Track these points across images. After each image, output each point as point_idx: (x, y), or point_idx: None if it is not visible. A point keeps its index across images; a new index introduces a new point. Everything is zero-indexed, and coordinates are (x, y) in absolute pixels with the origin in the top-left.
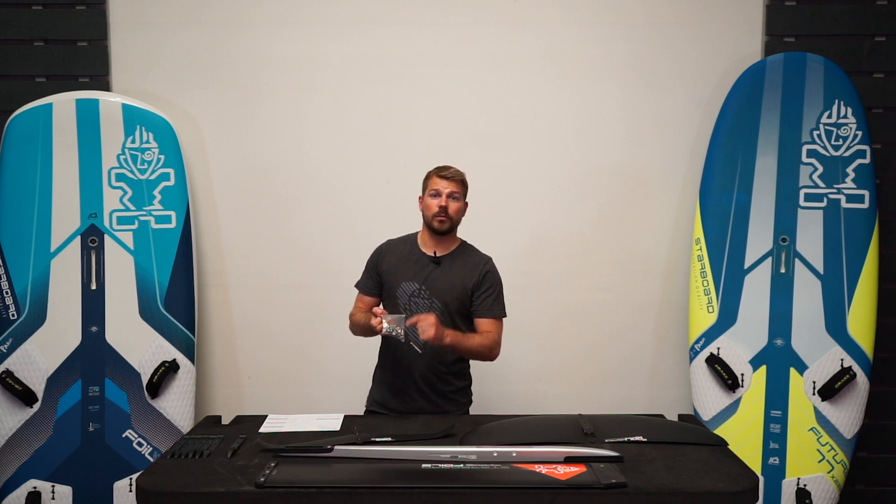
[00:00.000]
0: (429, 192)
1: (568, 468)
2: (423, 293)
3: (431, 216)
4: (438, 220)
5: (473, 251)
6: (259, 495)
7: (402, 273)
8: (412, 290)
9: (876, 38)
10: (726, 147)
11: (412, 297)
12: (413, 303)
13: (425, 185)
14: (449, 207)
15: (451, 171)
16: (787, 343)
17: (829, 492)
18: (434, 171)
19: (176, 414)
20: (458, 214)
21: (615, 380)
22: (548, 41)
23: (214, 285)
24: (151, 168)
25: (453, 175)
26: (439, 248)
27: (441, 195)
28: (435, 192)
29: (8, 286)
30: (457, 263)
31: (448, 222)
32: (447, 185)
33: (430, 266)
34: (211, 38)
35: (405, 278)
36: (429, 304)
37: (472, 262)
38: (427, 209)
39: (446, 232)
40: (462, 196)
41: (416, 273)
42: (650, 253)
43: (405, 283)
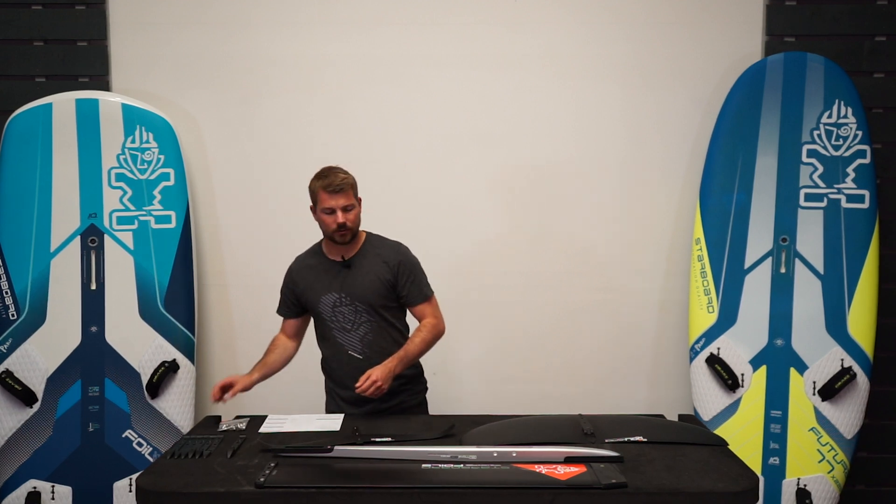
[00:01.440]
0: (321, 208)
1: (568, 468)
2: (345, 300)
3: (331, 233)
4: (340, 235)
5: (381, 243)
6: (259, 495)
7: (318, 286)
8: (332, 300)
9: (876, 38)
10: (726, 147)
11: (335, 307)
12: (338, 313)
13: (313, 197)
14: (347, 221)
15: (338, 183)
16: (787, 343)
17: (829, 492)
18: (319, 184)
19: (176, 414)
20: (356, 222)
21: (615, 380)
22: (548, 41)
23: (214, 285)
24: (151, 168)
25: (341, 186)
26: (346, 251)
27: (336, 212)
28: (328, 209)
29: (8, 286)
30: (368, 261)
31: (349, 234)
32: (339, 200)
33: (343, 271)
34: (211, 38)
35: (322, 291)
36: (353, 309)
37: (381, 255)
38: (325, 226)
39: (350, 241)
40: (355, 201)
41: (331, 282)
42: (650, 253)
43: (324, 297)
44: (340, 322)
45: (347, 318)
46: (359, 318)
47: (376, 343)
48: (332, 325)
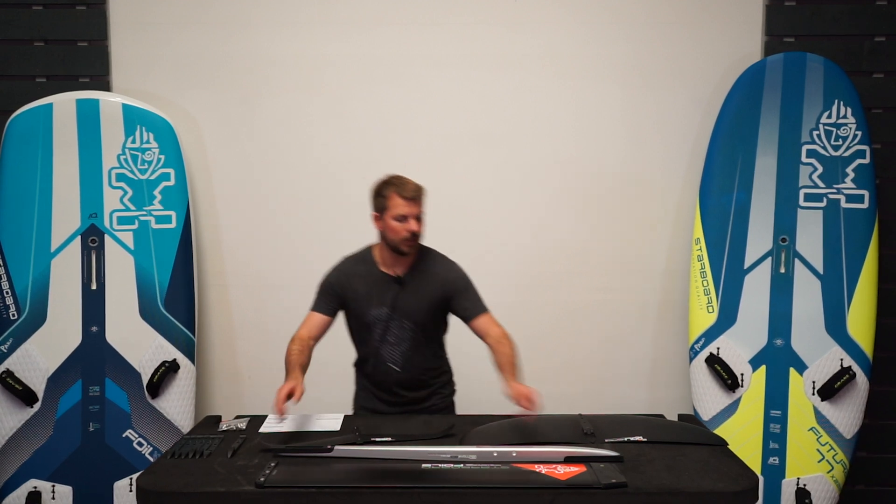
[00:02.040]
0: (392, 214)
1: (568, 468)
2: (394, 317)
3: (400, 240)
4: (408, 245)
5: (434, 260)
6: (259, 495)
7: (369, 299)
8: (383, 315)
9: (876, 38)
10: (726, 147)
11: (382, 321)
12: (385, 328)
13: (382, 203)
14: (419, 231)
15: (412, 189)
16: (786, 343)
17: (828, 492)
18: (392, 188)
19: (176, 414)
20: (422, 233)
21: (615, 380)
22: (548, 41)
23: (214, 285)
24: (151, 168)
25: (416, 195)
26: (400, 267)
27: (408, 219)
28: (401, 216)
29: (8, 286)
30: (421, 280)
31: (416, 245)
32: (413, 207)
33: (395, 287)
34: (211, 38)
35: (374, 304)
36: (400, 325)
37: (434, 275)
38: (393, 233)
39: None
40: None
41: (383, 297)
42: (650, 253)
43: (374, 310)
44: (385, 336)
45: (393, 333)
46: (404, 335)
47: (415, 358)
48: (376, 337)
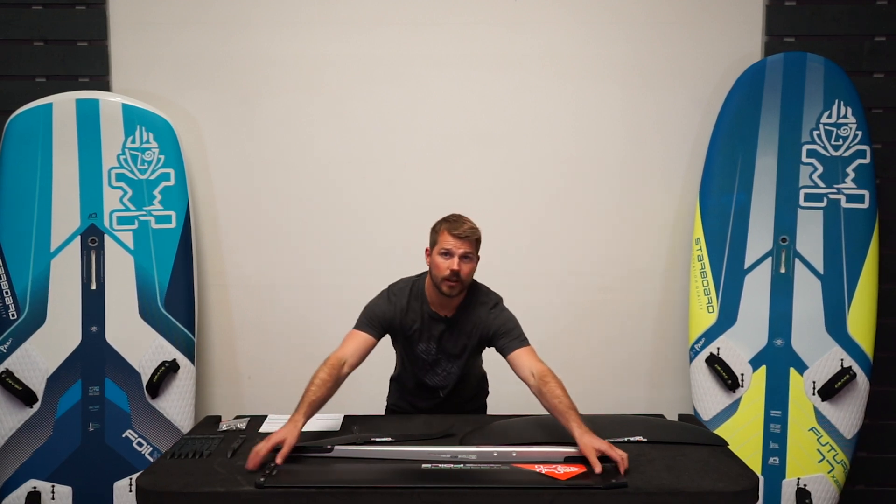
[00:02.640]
0: (439, 249)
1: (568, 468)
2: (440, 354)
3: (440, 279)
4: (448, 285)
5: (480, 299)
6: (259, 495)
7: (418, 335)
8: (428, 350)
9: (876, 38)
10: (726, 147)
11: (428, 356)
12: (430, 361)
13: (434, 238)
14: (461, 271)
15: (465, 229)
16: (787, 343)
17: (829, 492)
18: (445, 225)
19: (176, 414)
20: (469, 276)
21: (615, 380)
22: (548, 41)
23: (214, 285)
24: (151, 168)
25: (468, 234)
26: (448, 307)
27: (453, 256)
28: (446, 252)
29: (8, 286)
30: (466, 320)
31: (458, 286)
32: (460, 246)
33: (441, 326)
34: (211, 38)
35: (421, 340)
36: (445, 360)
37: (479, 318)
38: (436, 269)
39: (456, 296)
40: (475, 254)
41: (430, 334)
42: (650, 253)
43: (422, 344)
44: (429, 367)
45: (438, 367)
46: (448, 368)
47: (456, 386)
48: (419, 366)
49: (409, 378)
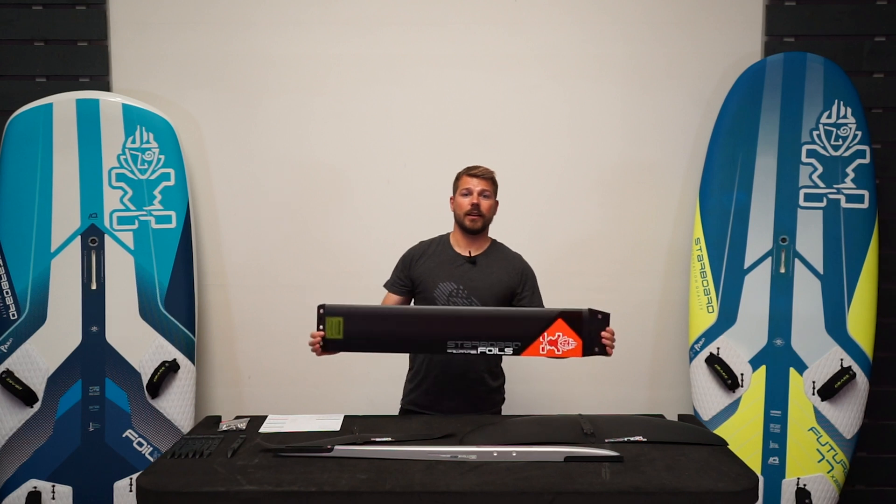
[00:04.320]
0: (460, 191)
1: (567, 341)
2: (462, 293)
3: (463, 214)
4: (470, 219)
5: (505, 250)
6: (259, 495)
7: (438, 274)
8: (450, 290)
9: (876, 38)
10: (726, 147)
11: (450, 296)
12: (451, 302)
13: (456, 185)
14: (481, 205)
15: (481, 170)
16: (786, 343)
17: (828, 492)
18: (464, 170)
19: (176, 414)
20: (489, 212)
21: (615, 380)
22: (547, 41)
23: (214, 285)
24: (151, 168)
25: (483, 173)
26: (473, 248)
27: (472, 193)
28: (466, 190)
29: (8, 286)
30: (493, 262)
31: (480, 220)
32: (478, 184)
33: (466, 265)
34: (211, 39)
35: (441, 279)
36: (467, 303)
37: (508, 261)
38: (459, 208)
39: (479, 230)
40: (493, 194)
41: (452, 273)
42: (650, 253)
43: (442, 284)
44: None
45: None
46: None
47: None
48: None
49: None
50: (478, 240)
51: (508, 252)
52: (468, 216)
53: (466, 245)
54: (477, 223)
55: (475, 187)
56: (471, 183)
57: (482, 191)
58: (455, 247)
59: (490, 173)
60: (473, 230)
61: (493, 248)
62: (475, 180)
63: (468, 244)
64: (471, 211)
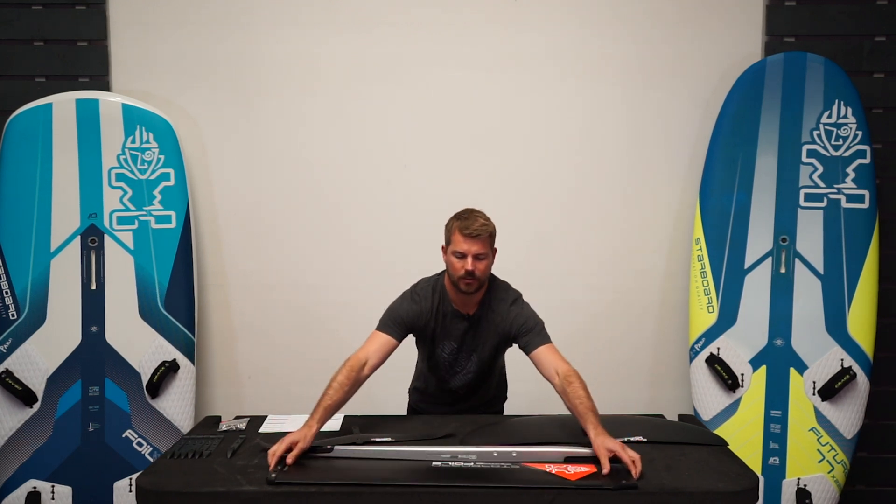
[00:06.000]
0: (452, 251)
1: (578, 468)
2: (462, 352)
3: (457, 278)
4: (465, 284)
5: (500, 296)
6: (259, 495)
7: (441, 333)
8: (450, 349)
9: (876, 38)
10: (726, 147)
11: (451, 354)
12: (452, 360)
13: (448, 238)
14: (476, 270)
15: (476, 228)
16: (787, 343)
17: (829, 492)
18: (457, 224)
19: (176, 414)
20: (485, 274)
21: (615, 380)
22: (548, 41)
23: (214, 285)
24: (151, 168)
25: (479, 232)
26: (470, 304)
27: (467, 258)
28: (459, 253)
29: (8, 286)
30: (489, 316)
31: (475, 284)
32: (472, 246)
33: (464, 324)
34: (211, 39)
35: (443, 338)
36: (467, 358)
37: (501, 312)
38: (452, 268)
39: (474, 293)
40: (489, 251)
41: (452, 332)
42: (650, 253)
43: (444, 343)
44: (452, 367)
45: (459, 364)
46: (469, 367)
47: (478, 386)
48: (442, 366)
49: (430, 381)
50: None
51: (502, 296)
52: (462, 281)
53: (462, 302)
54: (472, 287)
55: (470, 251)
56: (464, 246)
57: (477, 254)
58: (454, 302)
59: (486, 230)
60: (468, 293)
61: (489, 297)
62: (469, 243)
63: (464, 300)
64: (465, 277)
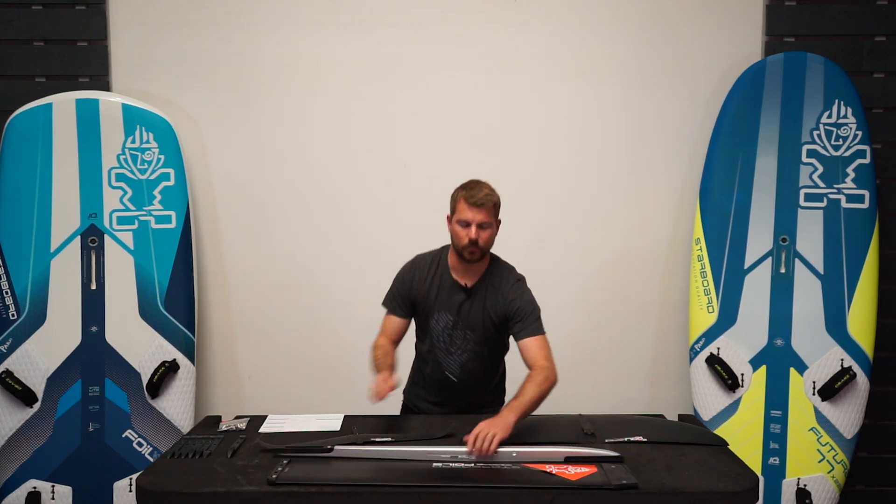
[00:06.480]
0: (457, 219)
1: (579, 468)
2: (457, 325)
3: (461, 247)
4: (469, 252)
5: (502, 273)
6: (259, 495)
7: (436, 303)
8: (445, 321)
9: (876, 38)
10: (726, 147)
11: (445, 328)
12: (447, 334)
13: (453, 207)
14: (479, 239)
15: (480, 197)
16: (787, 343)
17: (829, 492)
18: (463, 193)
19: (176, 414)
20: (488, 243)
21: (615, 380)
22: (548, 41)
23: (214, 285)
24: (151, 168)
25: (483, 201)
26: (470, 276)
27: (471, 226)
28: (464, 221)
29: (8, 286)
30: (487, 291)
31: (478, 253)
32: (477, 215)
33: (462, 296)
34: (211, 39)
35: (438, 308)
36: (463, 335)
37: (501, 292)
38: (456, 237)
39: (478, 261)
40: (493, 221)
41: (449, 304)
42: (650, 253)
43: (438, 314)
44: (446, 343)
45: (454, 342)
46: (465, 345)
47: (474, 371)
48: (437, 344)
49: (424, 367)
50: (476, 265)
51: (504, 275)
52: (466, 249)
53: (464, 271)
54: (475, 256)
55: (474, 219)
56: (469, 214)
57: (481, 223)
58: (453, 272)
59: (491, 199)
60: (471, 261)
61: (490, 272)
62: (474, 211)
63: (465, 270)
64: (469, 245)
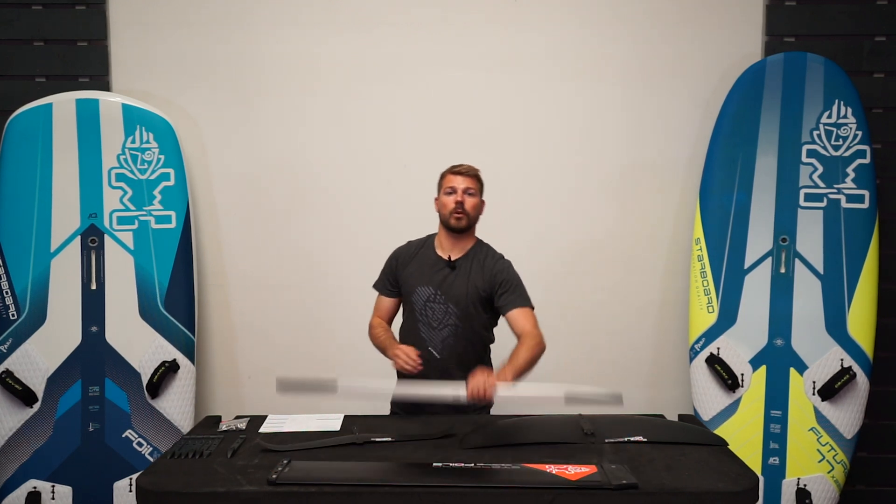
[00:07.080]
0: (444, 189)
1: (578, 468)
2: (439, 298)
3: (448, 213)
4: (455, 217)
5: (488, 251)
6: (259, 495)
7: (418, 278)
8: (427, 294)
9: (876, 38)
10: (726, 147)
11: (427, 302)
12: (429, 308)
13: (440, 184)
14: (465, 203)
15: (465, 167)
16: (787, 343)
17: (829, 492)
18: (448, 169)
19: (176, 414)
20: (474, 210)
21: (615, 380)
22: (548, 41)
23: (214, 285)
24: (151, 168)
25: (468, 171)
26: (455, 250)
27: (457, 191)
28: (450, 189)
29: (8, 286)
30: (472, 266)
31: (465, 218)
32: (462, 181)
33: (445, 270)
34: (211, 39)
35: (420, 283)
36: (444, 309)
37: (485, 266)
38: (443, 207)
39: (464, 229)
40: (478, 192)
41: (431, 277)
42: (650, 253)
43: (420, 288)
44: (428, 318)
45: (436, 317)
46: (447, 320)
47: (456, 348)
48: (420, 318)
49: (407, 336)
50: (462, 240)
51: (490, 253)
52: (453, 215)
53: (450, 247)
54: (462, 221)
55: (459, 185)
56: (455, 181)
57: (466, 188)
58: (438, 249)
59: (474, 170)
60: (458, 229)
61: (475, 250)
62: (459, 178)
63: (451, 245)
64: (455, 209)
